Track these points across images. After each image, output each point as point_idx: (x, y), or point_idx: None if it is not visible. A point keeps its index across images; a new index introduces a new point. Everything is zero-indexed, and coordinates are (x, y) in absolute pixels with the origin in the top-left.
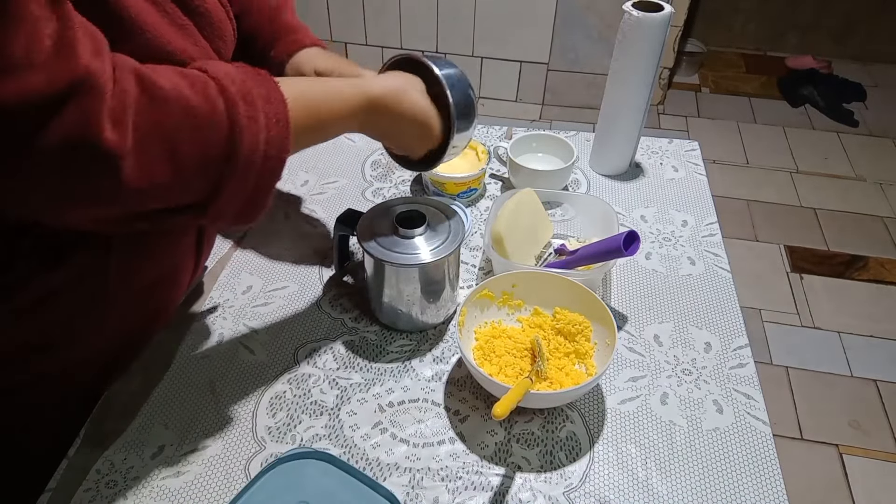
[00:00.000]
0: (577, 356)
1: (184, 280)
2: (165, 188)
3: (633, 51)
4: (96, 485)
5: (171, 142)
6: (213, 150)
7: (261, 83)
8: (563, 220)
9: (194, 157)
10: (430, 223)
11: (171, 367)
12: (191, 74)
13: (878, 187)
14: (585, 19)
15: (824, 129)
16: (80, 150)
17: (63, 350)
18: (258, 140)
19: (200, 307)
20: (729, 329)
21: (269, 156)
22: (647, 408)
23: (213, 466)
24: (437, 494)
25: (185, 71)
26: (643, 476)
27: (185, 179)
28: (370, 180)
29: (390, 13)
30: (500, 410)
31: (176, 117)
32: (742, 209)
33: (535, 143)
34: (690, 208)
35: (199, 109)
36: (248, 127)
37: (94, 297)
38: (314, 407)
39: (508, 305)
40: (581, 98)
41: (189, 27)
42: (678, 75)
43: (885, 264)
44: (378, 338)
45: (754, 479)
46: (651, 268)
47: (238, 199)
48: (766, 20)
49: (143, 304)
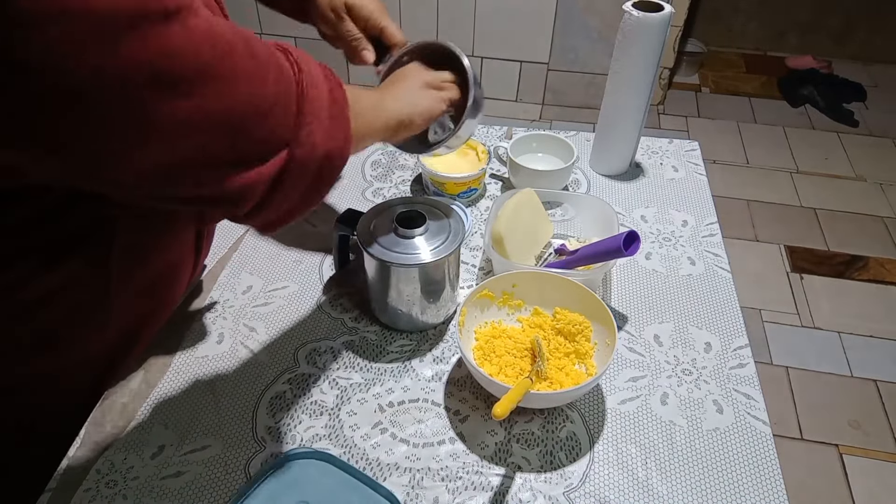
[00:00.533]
0: (577, 356)
1: (183, 279)
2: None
3: (633, 51)
4: (96, 485)
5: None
6: (282, 114)
7: (337, 89)
8: (563, 220)
9: (273, 103)
10: (430, 223)
11: (170, 367)
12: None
13: (878, 187)
14: (585, 19)
15: (824, 129)
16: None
17: (63, 349)
18: (319, 129)
19: (200, 306)
20: (729, 329)
21: (329, 151)
22: (647, 408)
23: (213, 466)
24: (437, 494)
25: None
26: (643, 476)
27: (262, 127)
28: (370, 180)
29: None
30: (500, 410)
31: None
32: (742, 209)
33: (535, 143)
34: (690, 208)
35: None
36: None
37: (94, 296)
38: (314, 407)
39: (508, 305)
40: (581, 98)
41: None
42: (678, 75)
43: (885, 264)
44: (378, 338)
45: (754, 479)
46: (651, 268)
47: (300, 188)
48: (766, 20)
49: (143, 303)
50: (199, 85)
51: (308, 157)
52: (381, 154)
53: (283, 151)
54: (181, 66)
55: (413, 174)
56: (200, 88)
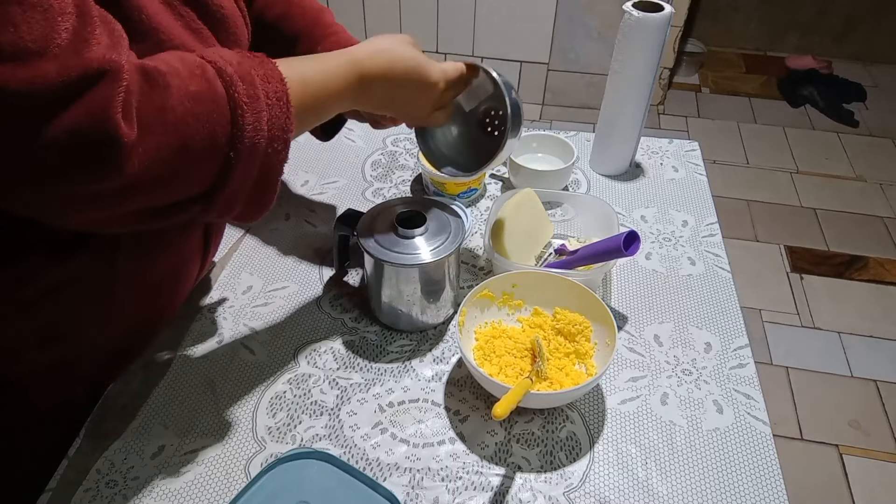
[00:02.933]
0: (578, 356)
1: (191, 276)
2: (171, 178)
3: (633, 51)
4: (96, 485)
5: (176, 128)
6: (217, 133)
7: (258, 64)
8: (563, 220)
9: (199, 142)
10: (430, 223)
11: (171, 367)
12: (188, 58)
13: (878, 187)
14: (585, 19)
15: (824, 129)
16: (91, 142)
17: (68, 343)
18: (261, 119)
19: (207, 302)
20: (729, 329)
21: (273, 136)
22: (647, 408)
23: (213, 466)
24: (437, 494)
25: (182, 55)
26: (643, 476)
27: (191, 166)
28: (370, 180)
29: (390, 13)
30: (500, 410)
31: (177, 102)
32: (742, 209)
33: (535, 143)
34: (690, 208)
35: (201, 93)
36: (250, 105)
37: (101, 292)
38: (314, 407)
39: (508, 305)
40: (581, 98)
41: (203, 31)
42: (678, 75)
43: (885, 264)
44: (378, 338)
45: (754, 479)
46: (651, 268)
47: (246, 186)
48: (766, 20)
49: (150, 299)
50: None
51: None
52: (381, 154)
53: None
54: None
55: (413, 174)
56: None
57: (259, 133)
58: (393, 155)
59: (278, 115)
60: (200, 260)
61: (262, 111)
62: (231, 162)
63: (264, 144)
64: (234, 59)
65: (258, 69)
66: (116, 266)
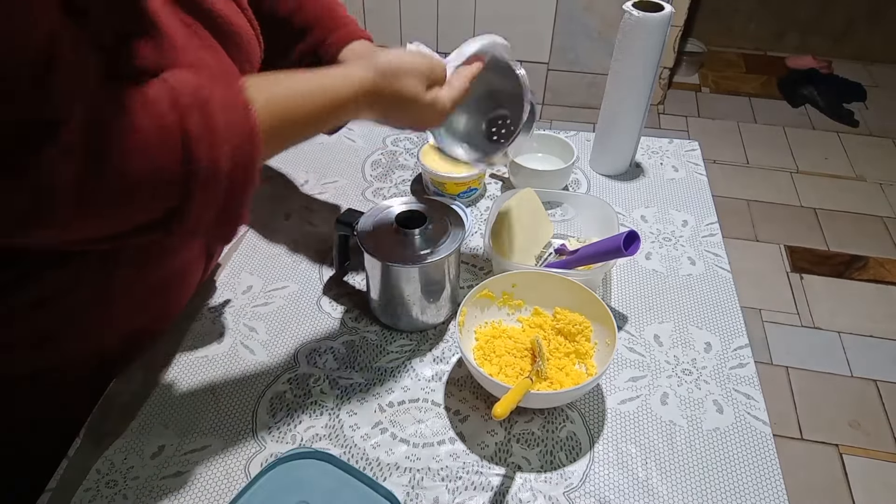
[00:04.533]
0: (578, 356)
1: (192, 281)
2: (116, 212)
3: (633, 51)
4: (96, 485)
5: (120, 163)
6: (165, 168)
7: (225, 89)
8: (563, 220)
9: (143, 179)
10: (430, 223)
11: (171, 367)
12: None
13: (878, 187)
14: (585, 19)
15: (824, 129)
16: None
17: (64, 346)
18: (218, 151)
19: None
20: (729, 329)
21: (236, 165)
22: (647, 408)
23: (213, 466)
24: (437, 494)
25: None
26: (643, 476)
27: (135, 202)
28: (370, 180)
29: (390, 13)
30: (500, 410)
31: (118, 141)
32: (742, 209)
33: (535, 143)
34: (690, 208)
35: (146, 131)
36: (204, 138)
37: (99, 297)
38: (314, 407)
39: (508, 305)
40: (581, 98)
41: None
42: (678, 75)
43: (885, 264)
44: (378, 338)
45: (754, 479)
46: (651, 268)
47: (209, 214)
48: (766, 20)
49: (150, 304)
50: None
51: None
52: (381, 154)
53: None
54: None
55: (413, 174)
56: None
57: (217, 163)
58: (393, 155)
59: (241, 145)
60: (202, 266)
61: (220, 143)
62: (188, 193)
63: (225, 174)
64: (195, 84)
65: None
66: (115, 273)
